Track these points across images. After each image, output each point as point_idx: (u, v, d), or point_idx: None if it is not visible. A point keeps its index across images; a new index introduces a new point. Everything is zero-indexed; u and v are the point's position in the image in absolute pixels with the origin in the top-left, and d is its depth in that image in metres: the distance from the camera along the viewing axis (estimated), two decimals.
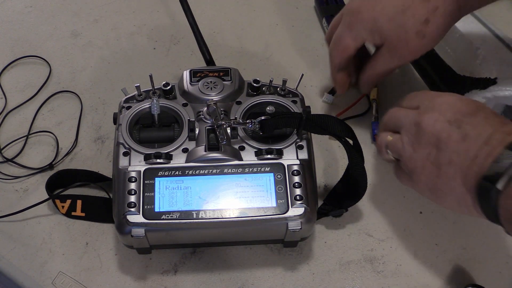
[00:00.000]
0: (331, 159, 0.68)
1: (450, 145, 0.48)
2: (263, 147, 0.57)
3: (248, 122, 0.57)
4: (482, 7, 0.61)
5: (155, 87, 0.61)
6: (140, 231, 0.52)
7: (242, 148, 0.57)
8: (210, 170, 0.55)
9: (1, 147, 0.68)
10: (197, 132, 0.58)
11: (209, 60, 0.68)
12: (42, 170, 0.66)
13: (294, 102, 0.61)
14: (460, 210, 0.50)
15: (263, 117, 0.57)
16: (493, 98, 0.61)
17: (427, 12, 0.56)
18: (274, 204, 0.53)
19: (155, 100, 0.58)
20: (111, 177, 0.59)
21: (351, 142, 0.57)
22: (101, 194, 0.63)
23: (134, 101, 0.61)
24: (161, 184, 0.54)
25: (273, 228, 0.54)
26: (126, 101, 0.61)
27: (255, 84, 0.62)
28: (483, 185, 0.45)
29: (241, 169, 0.55)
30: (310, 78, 0.75)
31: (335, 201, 0.60)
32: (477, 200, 0.46)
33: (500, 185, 0.43)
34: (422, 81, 0.72)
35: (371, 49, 0.65)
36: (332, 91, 0.73)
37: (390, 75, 0.65)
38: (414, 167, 0.51)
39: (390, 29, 0.58)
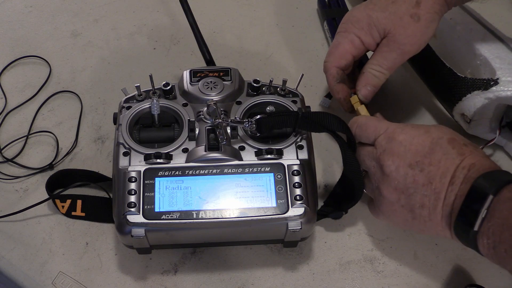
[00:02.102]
0: (331, 159, 0.68)
1: (418, 189, 0.50)
2: (263, 147, 0.57)
3: (245, 121, 0.57)
4: (466, 1, 0.62)
5: (155, 87, 0.61)
6: (140, 231, 0.52)
7: (242, 148, 0.57)
8: (210, 170, 0.55)
9: (1, 147, 0.68)
10: (197, 132, 0.58)
11: (209, 60, 0.68)
12: (42, 170, 0.66)
13: (294, 102, 0.61)
14: (439, 236, 0.52)
15: (258, 116, 0.57)
16: (496, 98, 0.60)
17: None
18: (274, 204, 0.53)
19: (155, 100, 0.58)
20: (111, 177, 0.59)
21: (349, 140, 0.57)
22: (101, 194, 0.63)
23: (134, 101, 0.61)
24: (161, 184, 0.54)
25: (273, 228, 0.54)
26: (126, 101, 0.61)
27: (255, 84, 0.62)
28: (459, 226, 0.47)
29: (241, 169, 0.55)
30: (310, 78, 0.75)
31: (334, 203, 0.60)
32: (456, 236, 0.48)
33: (476, 227, 0.45)
34: (423, 83, 0.72)
35: None
36: (329, 95, 0.72)
37: (385, 79, 0.63)
38: (387, 210, 0.53)
39: (386, 17, 0.59)
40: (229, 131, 0.58)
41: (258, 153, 0.57)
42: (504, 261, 0.44)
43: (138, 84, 0.61)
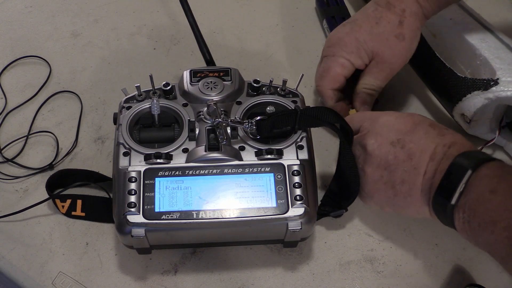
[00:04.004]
0: (331, 159, 0.68)
1: (399, 166, 0.52)
2: (263, 147, 0.57)
3: (246, 122, 0.57)
4: (442, 9, 0.65)
5: (155, 87, 0.61)
6: (140, 231, 0.52)
7: (242, 148, 0.57)
8: (210, 170, 0.55)
9: (1, 147, 0.68)
10: (197, 132, 0.58)
11: (209, 60, 0.68)
12: (42, 170, 0.66)
13: (295, 102, 0.61)
14: (419, 216, 0.54)
15: (258, 118, 0.57)
16: (496, 99, 0.60)
17: (397, 15, 0.63)
18: (274, 204, 0.53)
19: (155, 100, 0.58)
20: (111, 177, 0.59)
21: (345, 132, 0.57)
22: (101, 194, 0.63)
23: (134, 101, 0.61)
24: (161, 184, 0.54)
25: (273, 228, 0.54)
26: (126, 101, 0.61)
27: (255, 84, 0.62)
28: (437, 200, 0.49)
29: (241, 169, 0.55)
30: (310, 78, 0.75)
31: (332, 201, 0.60)
32: (434, 211, 0.50)
33: (453, 200, 0.47)
34: (423, 84, 0.72)
35: None
36: None
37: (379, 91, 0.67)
38: (370, 190, 0.55)
39: (372, 39, 0.63)
40: (229, 131, 0.58)
41: (258, 153, 0.57)
42: (477, 234, 0.46)
43: (138, 84, 0.61)
